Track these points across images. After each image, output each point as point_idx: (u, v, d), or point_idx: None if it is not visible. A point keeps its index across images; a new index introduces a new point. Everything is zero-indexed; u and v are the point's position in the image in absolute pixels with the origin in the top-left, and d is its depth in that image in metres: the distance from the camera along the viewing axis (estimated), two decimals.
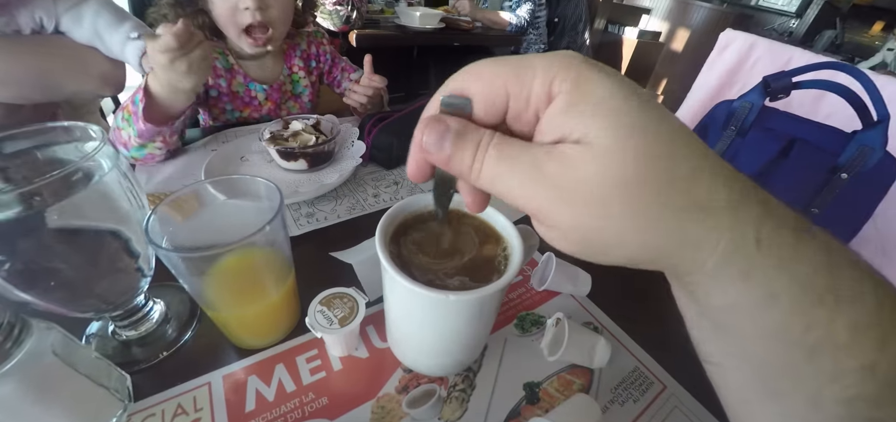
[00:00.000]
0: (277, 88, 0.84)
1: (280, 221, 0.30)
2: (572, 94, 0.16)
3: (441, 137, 0.18)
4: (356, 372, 0.35)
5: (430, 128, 0.18)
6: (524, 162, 0.17)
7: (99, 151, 0.27)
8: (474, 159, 0.17)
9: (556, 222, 0.17)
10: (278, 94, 0.85)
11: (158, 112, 0.57)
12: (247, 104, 0.82)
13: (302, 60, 0.89)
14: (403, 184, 0.63)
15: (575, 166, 0.16)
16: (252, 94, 0.82)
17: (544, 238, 0.18)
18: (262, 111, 0.84)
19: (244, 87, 0.80)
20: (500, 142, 0.17)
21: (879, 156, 0.60)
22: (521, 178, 0.17)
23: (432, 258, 0.29)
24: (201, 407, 0.32)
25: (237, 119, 0.82)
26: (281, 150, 0.57)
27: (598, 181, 0.15)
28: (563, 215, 0.16)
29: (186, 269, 0.29)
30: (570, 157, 0.16)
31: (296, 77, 0.88)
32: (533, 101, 0.17)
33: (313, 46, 0.91)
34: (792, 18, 3.59)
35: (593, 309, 0.44)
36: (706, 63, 1.09)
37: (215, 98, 0.79)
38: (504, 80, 0.17)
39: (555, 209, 0.16)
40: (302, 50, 0.89)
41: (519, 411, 0.34)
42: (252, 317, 0.34)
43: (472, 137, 0.17)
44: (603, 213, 0.16)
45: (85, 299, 0.31)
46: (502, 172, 0.17)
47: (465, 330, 0.30)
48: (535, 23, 2.09)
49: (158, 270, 0.34)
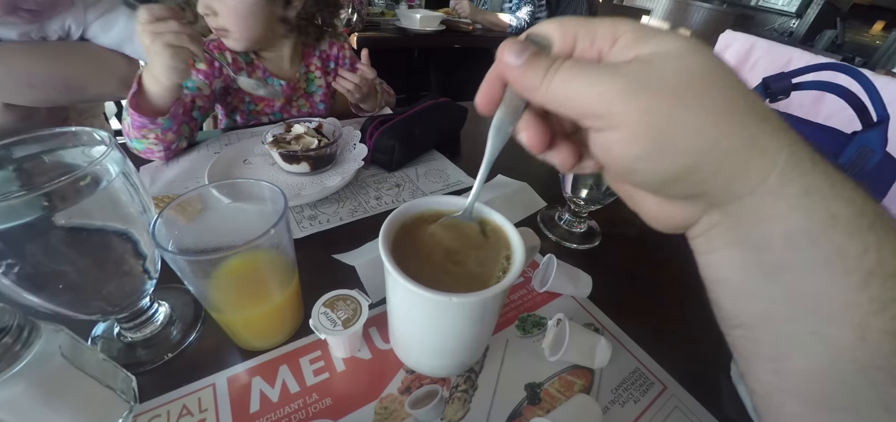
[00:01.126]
0: (291, 86, 0.86)
1: (284, 225, 0.30)
2: (638, 32, 0.18)
3: (521, 50, 0.20)
4: (359, 373, 0.35)
5: (512, 44, 0.20)
6: (599, 69, 0.18)
7: (107, 156, 0.27)
8: (546, 74, 0.19)
9: (625, 119, 0.17)
10: (290, 91, 0.86)
11: (145, 103, 0.59)
12: (260, 98, 0.84)
13: (320, 60, 0.90)
14: (405, 186, 0.63)
15: (652, 63, 0.17)
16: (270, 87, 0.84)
17: (603, 150, 0.20)
18: (273, 106, 0.86)
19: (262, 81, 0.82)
20: (574, 61, 0.19)
21: (879, 157, 0.60)
22: (597, 80, 0.18)
23: (435, 260, 0.29)
24: (206, 408, 0.32)
25: (252, 112, 0.85)
26: (283, 153, 0.58)
27: (676, 74, 0.17)
28: (636, 108, 0.17)
29: (192, 272, 0.29)
30: (646, 59, 0.17)
31: (311, 76, 0.90)
32: (598, 41, 0.19)
33: (335, 48, 0.92)
34: (792, 19, 3.59)
35: (594, 310, 0.44)
36: None
37: (235, 91, 0.81)
38: (576, 26, 0.20)
39: (628, 103, 0.17)
40: (321, 50, 0.90)
41: (520, 411, 0.34)
42: (256, 319, 0.34)
43: (547, 58, 0.20)
44: (679, 103, 0.17)
45: (92, 302, 0.31)
46: (574, 79, 0.18)
47: (467, 332, 0.30)
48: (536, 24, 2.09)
49: (163, 273, 0.34)
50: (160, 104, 0.59)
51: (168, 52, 0.53)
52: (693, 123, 0.17)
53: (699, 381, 0.38)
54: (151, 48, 0.53)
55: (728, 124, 0.17)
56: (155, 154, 0.62)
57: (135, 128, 0.59)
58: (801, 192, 0.17)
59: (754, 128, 0.17)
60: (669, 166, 0.18)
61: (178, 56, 0.54)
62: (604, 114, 0.18)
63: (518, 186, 0.64)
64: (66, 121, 0.85)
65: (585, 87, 0.18)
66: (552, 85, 0.19)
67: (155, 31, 0.53)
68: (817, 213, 0.16)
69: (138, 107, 0.58)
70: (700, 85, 0.17)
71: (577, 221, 0.57)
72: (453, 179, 0.66)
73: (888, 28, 3.23)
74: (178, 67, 0.55)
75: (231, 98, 0.83)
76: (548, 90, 0.19)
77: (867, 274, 0.16)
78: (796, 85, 0.68)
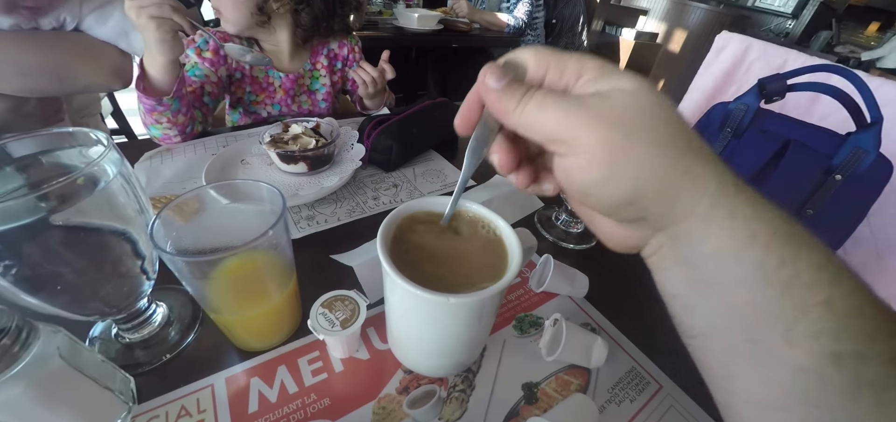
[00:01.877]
0: (293, 79, 0.86)
1: (282, 226, 0.30)
2: (600, 69, 0.21)
3: (501, 75, 0.22)
4: (357, 373, 0.36)
5: (493, 68, 0.22)
6: (566, 100, 0.21)
7: (104, 156, 0.27)
8: (520, 101, 0.21)
9: (587, 146, 0.20)
10: (293, 85, 0.87)
11: (149, 85, 0.62)
12: (263, 89, 0.85)
13: (327, 59, 0.90)
14: (403, 186, 0.63)
15: (611, 98, 0.20)
16: (269, 80, 0.85)
17: (564, 174, 0.22)
18: (274, 99, 0.86)
19: (263, 73, 0.84)
20: (545, 92, 0.21)
21: (873, 157, 0.60)
22: (564, 110, 0.20)
23: (433, 260, 0.30)
24: (205, 409, 0.32)
25: (252, 103, 0.86)
26: (281, 153, 0.58)
27: (628, 110, 0.19)
28: (596, 136, 0.19)
29: (190, 273, 0.29)
30: (606, 94, 0.20)
31: (316, 74, 0.90)
32: (566, 75, 0.22)
33: (344, 48, 0.93)
34: (788, 19, 3.60)
35: (591, 310, 0.45)
36: (702, 65, 1.10)
37: (238, 80, 0.83)
38: (549, 58, 0.22)
39: (589, 132, 0.20)
40: (329, 48, 0.91)
41: (517, 410, 0.34)
42: (254, 320, 0.34)
43: (523, 86, 0.22)
44: (630, 132, 0.19)
45: (90, 303, 0.31)
46: (546, 107, 0.21)
47: (464, 332, 0.30)
48: (533, 24, 2.09)
49: (161, 274, 0.34)
50: (162, 83, 0.62)
51: (153, 24, 0.55)
52: (641, 155, 0.19)
53: (695, 380, 0.37)
54: (138, 24, 0.56)
55: (667, 157, 0.19)
56: (172, 138, 0.67)
57: (146, 112, 0.62)
58: (728, 215, 0.19)
59: (689, 159, 0.19)
60: (620, 192, 0.20)
61: (163, 27, 0.56)
62: (568, 141, 0.20)
63: None
64: (57, 112, 0.84)
65: (555, 113, 0.20)
66: (526, 110, 0.21)
67: (139, 6, 0.55)
68: (741, 232, 0.19)
69: (145, 90, 0.61)
70: (648, 120, 0.19)
71: (574, 222, 0.57)
72: (451, 180, 0.66)
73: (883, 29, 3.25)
74: (166, 39, 0.57)
75: (234, 89, 0.84)
76: (521, 114, 0.21)
77: (785, 285, 0.18)
78: (791, 86, 0.69)
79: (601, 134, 0.19)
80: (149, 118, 0.63)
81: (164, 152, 0.65)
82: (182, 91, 0.64)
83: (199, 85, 0.75)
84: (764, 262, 0.18)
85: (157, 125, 0.64)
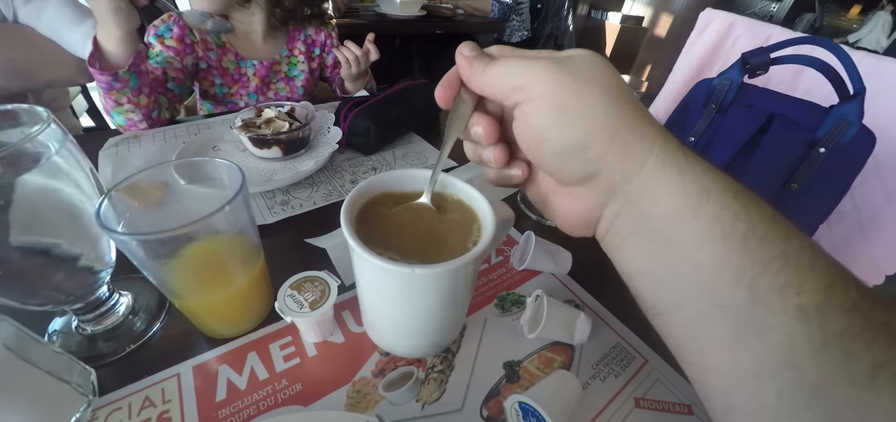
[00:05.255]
0: (268, 66, 0.83)
1: (241, 202, 0.29)
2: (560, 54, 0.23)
3: (473, 47, 0.25)
4: (331, 357, 0.34)
5: (468, 44, 0.25)
6: (527, 56, 0.23)
7: (42, 131, 0.25)
8: (488, 65, 0.23)
9: (540, 90, 0.21)
10: (267, 72, 0.84)
11: (104, 60, 0.59)
12: (236, 80, 0.82)
13: (304, 45, 0.88)
14: (382, 169, 0.61)
15: (568, 57, 0.22)
16: (242, 71, 0.82)
17: (522, 124, 0.23)
18: (249, 88, 0.83)
19: (234, 64, 0.81)
20: (509, 55, 0.24)
21: (856, 129, 0.60)
22: (524, 64, 0.22)
23: (402, 235, 0.28)
24: (170, 399, 0.31)
25: (225, 95, 0.83)
26: (253, 137, 0.56)
27: (581, 64, 0.22)
28: (549, 80, 0.21)
29: (145, 255, 0.27)
30: (561, 56, 0.22)
31: (293, 60, 0.88)
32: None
33: (321, 34, 0.90)
34: (772, 2, 3.62)
35: (574, 287, 0.44)
36: (686, 43, 1.09)
37: (205, 70, 0.79)
38: (516, 52, 0.25)
39: (544, 77, 0.21)
40: (306, 35, 0.88)
41: (498, 389, 0.33)
42: (219, 304, 0.33)
43: (489, 56, 0.24)
44: (581, 80, 0.21)
45: (41, 291, 0.30)
46: (508, 65, 0.23)
47: (437, 308, 0.29)
48: (519, 8, 2.08)
49: (125, 262, 0.32)
50: (118, 58, 0.59)
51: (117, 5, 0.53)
52: (590, 99, 0.21)
53: None
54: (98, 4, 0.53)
55: (616, 107, 0.21)
56: (137, 124, 0.64)
57: (105, 93, 0.60)
58: (677, 171, 0.20)
59: (633, 117, 0.21)
60: (573, 132, 0.21)
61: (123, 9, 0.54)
62: (524, 86, 0.22)
63: None
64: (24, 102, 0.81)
65: (516, 68, 0.22)
66: (490, 69, 0.23)
67: None
68: (692, 188, 0.19)
69: (100, 67, 0.58)
70: (598, 75, 0.21)
71: None
72: (432, 162, 0.65)
73: (865, 12, 3.28)
74: (120, 7, 0.54)
75: (201, 78, 0.80)
76: (487, 73, 0.23)
77: (743, 238, 0.18)
78: (775, 60, 0.68)
79: (558, 77, 0.21)
80: (109, 101, 0.60)
81: (131, 139, 0.62)
82: (140, 68, 0.61)
83: (161, 70, 0.72)
84: (720, 216, 0.19)
85: (118, 108, 0.61)
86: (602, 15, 3.23)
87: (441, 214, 0.30)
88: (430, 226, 0.29)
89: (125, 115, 0.62)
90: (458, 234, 0.29)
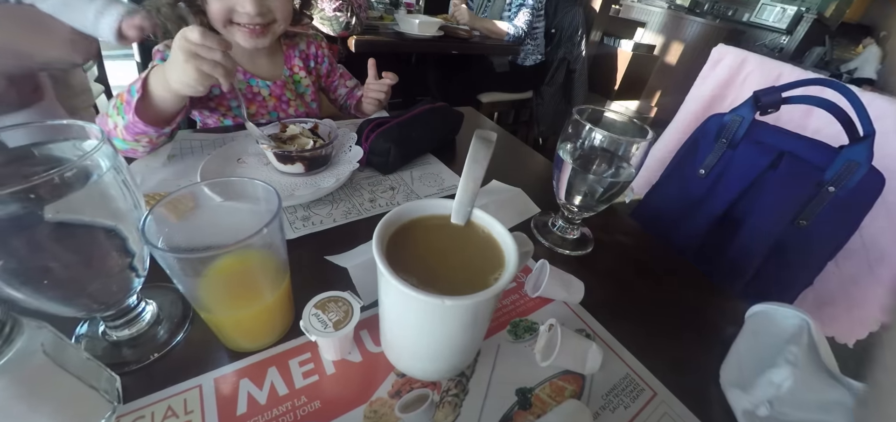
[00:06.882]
0: (281, 85, 0.85)
1: (277, 225, 0.30)
2: None
3: None
4: (349, 376, 0.35)
5: None
6: None
7: (98, 150, 0.27)
8: None
9: None
10: (282, 92, 0.85)
11: (152, 110, 0.56)
12: (251, 101, 0.82)
13: (301, 61, 0.89)
14: (400, 189, 0.63)
15: None
16: (255, 90, 0.82)
17: None
18: (267, 108, 0.84)
19: (244, 84, 0.80)
20: None
21: (865, 170, 0.61)
22: None
23: (428, 263, 0.29)
24: (192, 409, 0.31)
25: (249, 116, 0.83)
26: (278, 153, 0.57)
27: None
28: None
29: (181, 270, 0.29)
30: None
31: (297, 77, 0.89)
32: None
33: (312, 47, 0.92)
34: (783, 35, 3.66)
35: (586, 316, 0.44)
36: (699, 77, 1.11)
37: (218, 97, 0.78)
38: None
39: None
40: (300, 50, 0.90)
41: (511, 416, 0.34)
42: (246, 319, 0.34)
43: None
44: None
45: (78, 299, 0.31)
46: None
47: (459, 335, 0.30)
48: (533, 33, 2.11)
49: (151, 271, 0.34)
50: (166, 112, 0.57)
51: (196, 75, 0.51)
52: None
53: (689, 388, 0.38)
54: (177, 58, 0.51)
55: None
56: (138, 154, 0.60)
57: (130, 132, 0.56)
58: None
59: None
60: None
61: (204, 82, 0.52)
62: None
63: (512, 191, 0.64)
64: (36, 89, 0.83)
65: None
66: None
67: (195, 53, 0.50)
68: None
69: (143, 114, 0.55)
70: None
71: (571, 228, 0.57)
72: (448, 184, 0.66)
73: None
74: (197, 88, 0.53)
75: (217, 104, 0.80)
76: None
77: None
78: (786, 99, 0.69)
79: None
80: (129, 136, 0.56)
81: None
82: (180, 119, 0.60)
83: None
84: None
85: (133, 143, 0.57)
86: (614, 42, 3.27)
87: (465, 244, 0.31)
88: (455, 254, 0.30)
89: (132, 146, 0.58)
90: (480, 263, 0.30)
